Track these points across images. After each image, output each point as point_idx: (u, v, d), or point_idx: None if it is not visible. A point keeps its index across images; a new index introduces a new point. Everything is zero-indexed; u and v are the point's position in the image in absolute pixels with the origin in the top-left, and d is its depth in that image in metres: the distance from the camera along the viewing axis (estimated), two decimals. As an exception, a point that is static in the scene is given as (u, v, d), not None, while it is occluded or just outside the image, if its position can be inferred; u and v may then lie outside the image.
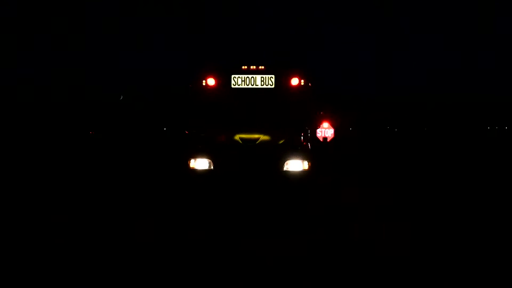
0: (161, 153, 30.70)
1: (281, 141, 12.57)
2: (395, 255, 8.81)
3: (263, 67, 12.92)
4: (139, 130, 53.15)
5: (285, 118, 12.88)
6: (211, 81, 13.00)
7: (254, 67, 12.93)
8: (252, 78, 12.89)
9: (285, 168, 12.16)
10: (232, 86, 12.92)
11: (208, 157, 12.32)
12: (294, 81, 12.94)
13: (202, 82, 13.00)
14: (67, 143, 36.94)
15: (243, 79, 12.90)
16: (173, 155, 25.91)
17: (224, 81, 12.93)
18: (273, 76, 12.88)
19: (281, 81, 12.90)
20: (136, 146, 37.41)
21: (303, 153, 12.35)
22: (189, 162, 12.39)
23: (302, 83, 12.93)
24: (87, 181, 17.93)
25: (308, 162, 12.25)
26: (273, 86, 12.87)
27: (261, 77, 12.88)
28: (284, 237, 9.99)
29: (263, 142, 12.46)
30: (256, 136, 12.51)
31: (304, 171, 12.17)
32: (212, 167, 12.27)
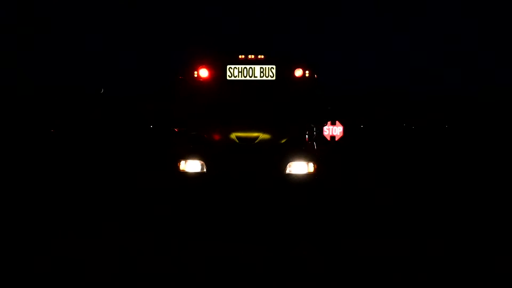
0: (146, 153, 29.31)
1: (283, 140, 11.42)
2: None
3: (262, 56, 11.67)
4: (119, 127, 51.51)
5: (288, 114, 11.67)
6: (203, 73, 11.71)
7: (253, 56, 11.66)
8: (250, 69, 11.62)
9: (287, 171, 10.99)
10: (228, 77, 11.66)
11: (201, 159, 11.17)
12: (298, 72, 11.67)
13: (194, 74, 11.73)
14: (25, 142, 35.14)
15: (240, 70, 11.62)
16: (161, 155, 24.62)
17: (218, 72, 11.67)
18: (274, 66, 11.61)
19: (283, 72, 11.65)
20: (113, 145, 35.84)
21: (308, 154, 11.19)
22: (179, 164, 11.24)
23: (307, 75, 11.68)
24: (47, 183, 16.61)
25: (313, 164, 11.08)
26: (274, 78, 11.63)
27: (261, 67, 11.60)
28: (285, 249, 8.83)
29: (263, 141, 11.27)
30: (255, 134, 11.32)
31: (309, 174, 11.01)
32: (205, 170, 11.13)
